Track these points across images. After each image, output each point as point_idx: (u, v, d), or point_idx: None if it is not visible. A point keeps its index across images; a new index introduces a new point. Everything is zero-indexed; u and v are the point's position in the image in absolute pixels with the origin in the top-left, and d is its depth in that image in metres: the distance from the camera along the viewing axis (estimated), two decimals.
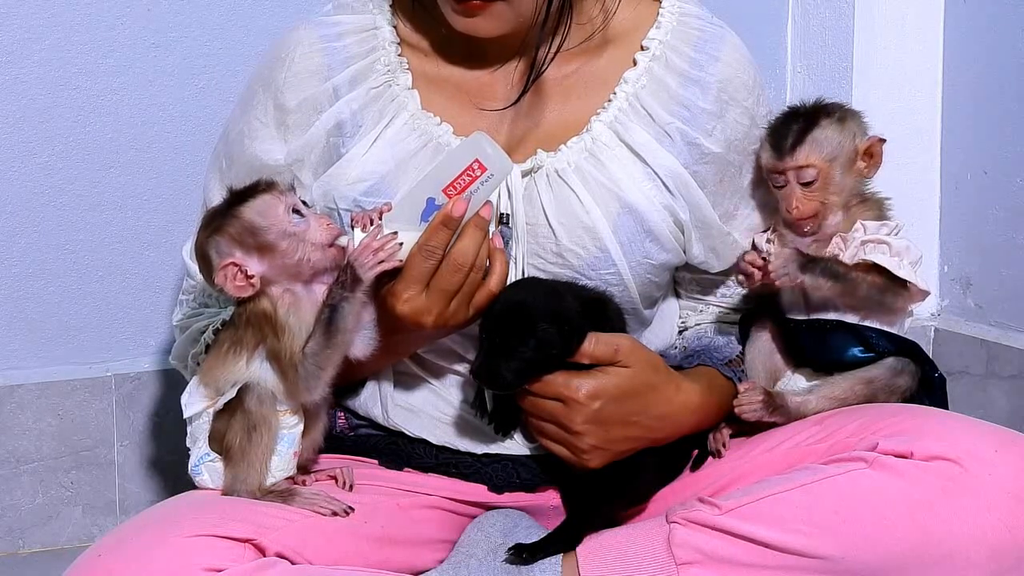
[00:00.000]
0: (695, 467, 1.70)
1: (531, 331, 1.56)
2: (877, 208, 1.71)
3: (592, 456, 1.61)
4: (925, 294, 1.68)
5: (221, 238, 1.53)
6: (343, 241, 1.55)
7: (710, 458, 1.70)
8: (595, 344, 1.59)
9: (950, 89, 2.35)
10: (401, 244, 1.54)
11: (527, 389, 1.59)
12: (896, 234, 1.68)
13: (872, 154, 1.70)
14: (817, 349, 1.69)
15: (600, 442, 1.60)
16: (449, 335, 1.65)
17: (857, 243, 1.67)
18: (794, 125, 1.69)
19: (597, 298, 1.64)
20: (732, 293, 1.80)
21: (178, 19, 2.09)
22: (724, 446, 1.69)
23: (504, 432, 1.69)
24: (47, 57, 2.03)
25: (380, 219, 1.56)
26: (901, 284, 1.65)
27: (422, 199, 1.56)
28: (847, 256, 1.67)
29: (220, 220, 1.54)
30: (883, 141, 1.71)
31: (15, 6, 2.01)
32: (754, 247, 1.72)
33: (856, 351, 1.67)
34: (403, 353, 1.68)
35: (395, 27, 1.71)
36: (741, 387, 1.68)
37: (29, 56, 2.03)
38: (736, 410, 1.67)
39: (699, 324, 1.81)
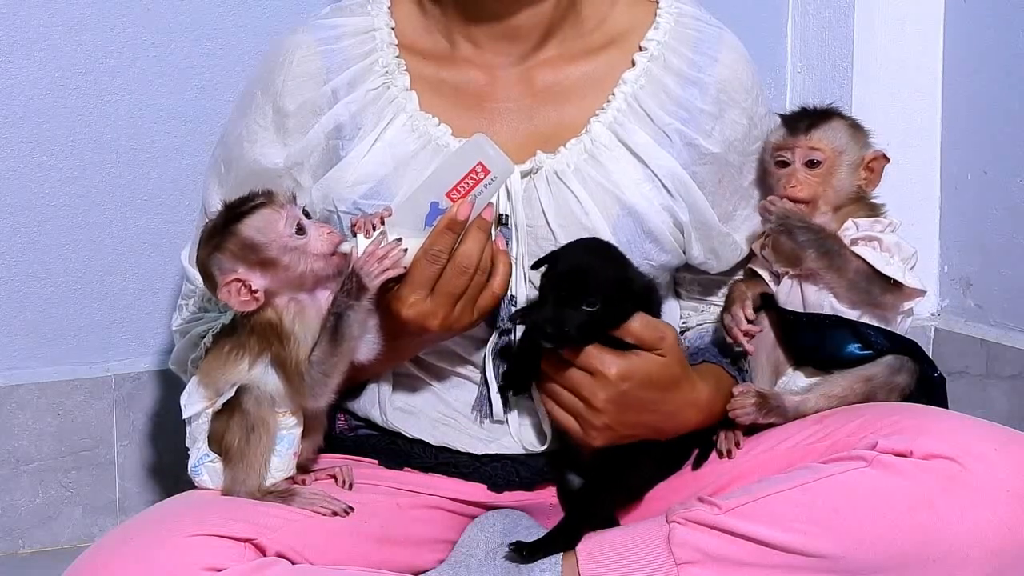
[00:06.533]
0: (696, 466, 1.70)
1: (607, 290, 1.53)
2: (869, 210, 1.71)
3: (598, 435, 1.60)
4: (921, 292, 1.68)
5: (222, 255, 1.52)
6: (345, 248, 1.54)
7: (711, 457, 1.70)
8: (643, 325, 1.58)
9: (950, 89, 2.35)
10: (406, 250, 1.54)
11: (559, 353, 1.57)
12: (891, 231, 1.68)
13: (873, 169, 1.70)
14: (816, 345, 1.69)
15: (613, 422, 1.60)
16: (452, 338, 1.65)
17: (848, 240, 1.67)
18: (811, 114, 1.71)
19: (650, 283, 1.63)
20: None
21: (178, 19, 2.08)
22: (738, 445, 1.68)
23: (514, 393, 1.67)
24: (47, 57, 2.03)
25: (382, 224, 1.55)
26: (890, 280, 1.65)
27: (425, 203, 1.55)
28: None
29: (219, 237, 1.52)
30: (887, 159, 1.71)
31: (15, 6, 2.01)
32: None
33: (854, 347, 1.67)
34: (406, 356, 1.68)
35: (393, 29, 1.71)
36: (735, 390, 1.68)
37: (29, 56, 2.02)
38: (730, 414, 1.67)
39: (700, 324, 1.81)
